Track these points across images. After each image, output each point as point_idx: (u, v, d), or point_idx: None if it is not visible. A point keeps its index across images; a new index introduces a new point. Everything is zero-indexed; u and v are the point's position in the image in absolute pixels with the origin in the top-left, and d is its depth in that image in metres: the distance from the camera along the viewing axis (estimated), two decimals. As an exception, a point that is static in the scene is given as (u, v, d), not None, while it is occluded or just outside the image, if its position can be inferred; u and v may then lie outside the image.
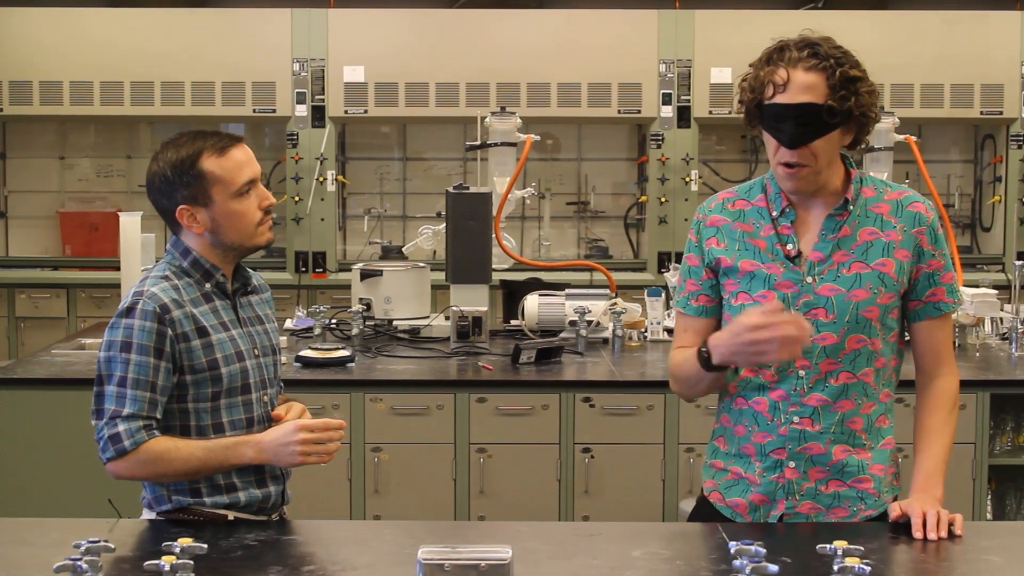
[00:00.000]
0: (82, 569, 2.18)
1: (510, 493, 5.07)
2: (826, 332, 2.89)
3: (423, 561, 2.12)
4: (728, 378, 3.02)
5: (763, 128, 2.89)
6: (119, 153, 9.15)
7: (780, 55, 2.84)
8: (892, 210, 2.93)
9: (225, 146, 3.04)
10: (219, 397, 3.03)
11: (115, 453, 2.92)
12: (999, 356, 5.50)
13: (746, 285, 2.95)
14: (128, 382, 2.93)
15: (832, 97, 2.79)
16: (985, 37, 8.47)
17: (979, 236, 9.04)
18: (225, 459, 2.97)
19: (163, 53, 8.30)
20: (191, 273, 3.07)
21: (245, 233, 3.07)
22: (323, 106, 8.34)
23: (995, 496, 5.35)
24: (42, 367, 5.20)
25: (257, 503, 3.07)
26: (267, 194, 3.11)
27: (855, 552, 2.24)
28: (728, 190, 3.11)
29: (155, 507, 3.05)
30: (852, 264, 2.90)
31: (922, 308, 2.97)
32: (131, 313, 2.96)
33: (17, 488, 4.95)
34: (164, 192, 3.05)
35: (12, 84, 8.34)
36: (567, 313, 5.73)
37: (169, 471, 2.95)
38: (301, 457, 2.96)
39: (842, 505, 2.95)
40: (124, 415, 2.92)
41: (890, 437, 3.01)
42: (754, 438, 2.97)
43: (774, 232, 2.95)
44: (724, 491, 3.04)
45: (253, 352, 3.12)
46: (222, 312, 3.08)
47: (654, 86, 8.39)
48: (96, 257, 8.65)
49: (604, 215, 9.18)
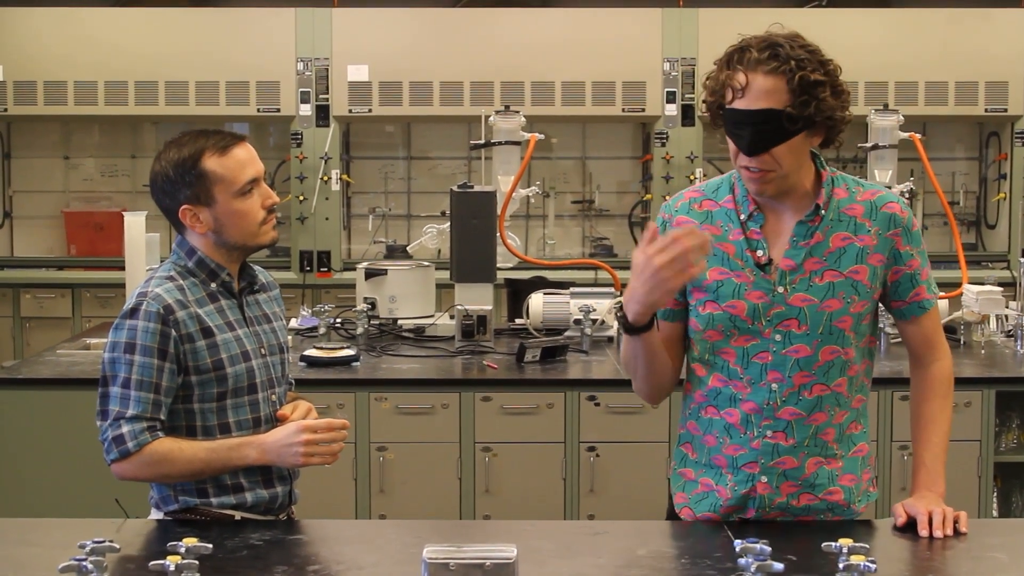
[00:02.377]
0: (87, 569, 2.19)
1: (515, 492, 5.07)
2: (799, 344, 2.83)
3: (428, 560, 2.12)
4: (694, 385, 2.96)
5: (726, 133, 2.80)
6: (123, 153, 9.16)
7: (740, 57, 2.74)
8: (866, 212, 2.85)
9: (227, 145, 3.03)
10: (225, 397, 3.02)
11: (119, 455, 2.92)
12: (1004, 353, 5.49)
13: (713, 295, 2.86)
14: (132, 383, 2.92)
15: (792, 103, 2.69)
16: (989, 34, 8.46)
17: (984, 233, 9.03)
18: (229, 460, 2.97)
19: (167, 53, 8.31)
20: (196, 273, 3.06)
21: (248, 232, 3.06)
22: (327, 105, 8.35)
23: (1000, 494, 5.35)
24: (47, 367, 5.21)
25: (264, 503, 3.07)
26: (270, 193, 3.10)
27: (860, 550, 2.24)
28: (694, 188, 3.00)
29: (162, 507, 3.05)
30: (824, 272, 2.83)
31: (907, 308, 2.92)
32: (135, 314, 2.96)
33: (22, 488, 4.96)
34: (167, 192, 3.05)
35: (16, 84, 8.35)
36: (572, 312, 5.73)
37: (173, 472, 2.95)
38: (304, 458, 2.95)
39: (811, 515, 2.91)
40: (128, 416, 2.92)
41: (863, 443, 2.96)
42: (725, 450, 2.91)
43: (743, 237, 2.86)
44: (694, 506, 2.97)
45: (260, 351, 3.11)
46: (228, 312, 3.08)
47: (658, 84, 8.38)
48: (101, 257, 8.66)
49: (608, 213, 9.17)
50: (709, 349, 2.90)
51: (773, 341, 2.83)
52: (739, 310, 2.84)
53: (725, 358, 2.88)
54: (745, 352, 2.85)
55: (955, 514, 2.79)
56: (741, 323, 2.84)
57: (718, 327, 2.87)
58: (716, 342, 2.88)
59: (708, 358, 2.91)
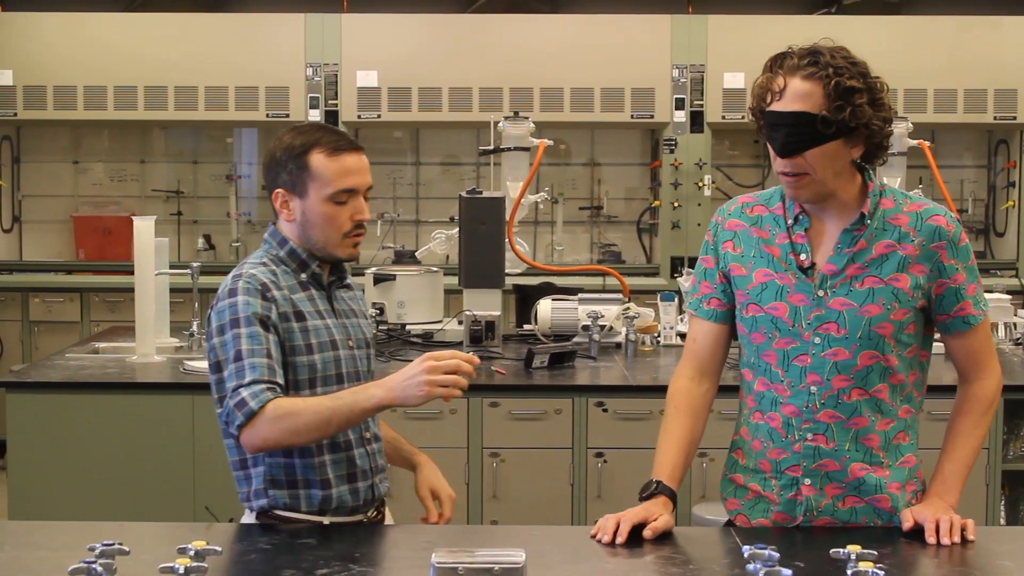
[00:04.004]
0: (96, 572, 2.19)
1: (523, 498, 5.08)
2: (838, 348, 2.85)
3: (437, 565, 2.12)
4: (745, 391, 3.01)
5: (764, 135, 2.85)
6: (133, 158, 9.19)
7: (781, 62, 2.80)
8: (911, 223, 2.86)
9: (340, 148, 3.06)
10: (315, 385, 3.01)
11: (244, 418, 2.86)
12: (1012, 361, 5.49)
13: (756, 296, 2.91)
14: (243, 354, 2.89)
15: (827, 107, 2.73)
16: (998, 42, 8.46)
17: (992, 241, 9.03)
18: (355, 403, 2.87)
19: (177, 58, 8.33)
20: (287, 262, 3.08)
21: (330, 239, 3.08)
22: (336, 111, 8.35)
23: (1008, 502, 5.34)
24: (56, 371, 5.21)
25: (349, 505, 3.07)
26: (363, 208, 3.10)
27: (868, 556, 2.24)
28: (749, 195, 3.06)
29: (253, 501, 3.04)
30: (865, 279, 2.85)
31: (951, 322, 2.91)
32: (234, 293, 2.96)
33: (30, 491, 4.96)
34: (270, 171, 3.09)
35: (26, 89, 8.37)
36: (580, 318, 5.73)
37: (300, 425, 2.87)
38: (428, 388, 2.80)
39: (859, 521, 2.92)
40: (246, 383, 2.88)
41: (910, 455, 2.95)
42: (769, 454, 2.94)
43: (788, 241, 2.90)
44: (748, 512, 3.00)
45: (347, 343, 3.11)
46: (318, 301, 3.09)
47: (667, 91, 8.39)
48: (110, 261, 8.68)
49: (617, 220, 9.18)
50: (754, 351, 2.95)
51: (812, 344, 2.86)
52: (780, 312, 2.88)
53: (767, 361, 2.92)
54: (785, 355, 2.89)
55: (962, 522, 2.79)
56: (782, 325, 2.88)
57: (761, 328, 2.91)
58: (760, 344, 2.93)
59: (754, 361, 2.96)
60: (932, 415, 3.36)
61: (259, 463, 3.04)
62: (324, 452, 3.05)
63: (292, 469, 3.03)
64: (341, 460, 3.07)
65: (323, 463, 3.04)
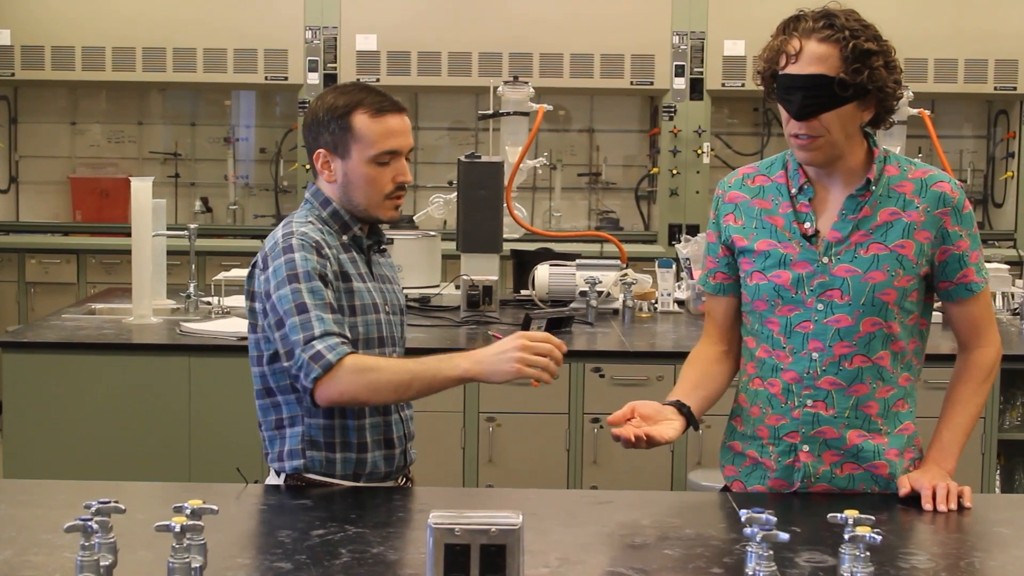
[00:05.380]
0: (92, 529, 2.18)
1: (519, 462, 5.08)
2: (840, 314, 2.84)
3: (434, 526, 2.11)
4: (746, 358, 3.01)
5: (777, 99, 2.83)
6: (130, 119, 9.16)
7: (795, 25, 2.78)
8: (916, 189, 2.86)
9: (383, 109, 3.03)
10: (356, 347, 2.93)
11: (321, 370, 2.80)
12: (1010, 331, 5.49)
13: (760, 264, 2.91)
14: (308, 307, 2.85)
15: (845, 70, 2.73)
16: (1000, 12, 8.43)
17: (991, 212, 9.02)
18: (439, 370, 2.85)
19: (175, 19, 8.30)
20: (330, 223, 3.05)
21: (372, 201, 3.04)
22: (335, 74, 8.33)
23: (1004, 471, 5.36)
24: (52, 331, 5.21)
25: (382, 471, 3.07)
26: (406, 170, 3.08)
27: (866, 521, 2.23)
28: (750, 165, 3.05)
29: (285, 461, 2.99)
30: (870, 245, 2.84)
31: (954, 289, 2.90)
32: (289, 249, 2.91)
33: (26, 451, 4.96)
34: (311, 131, 3.05)
35: (24, 49, 8.34)
36: (577, 283, 5.73)
37: (383, 382, 2.84)
38: (519, 365, 2.79)
39: (856, 488, 2.91)
40: (318, 335, 2.82)
41: (909, 422, 2.95)
42: (768, 420, 2.94)
43: (792, 210, 2.89)
44: (745, 479, 3.00)
45: (384, 308, 3.08)
46: (360, 264, 3.07)
47: (667, 58, 8.36)
48: (106, 223, 8.67)
49: (615, 187, 9.17)
50: (758, 319, 2.94)
51: (815, 311, 2.85)
52: (784, 280, 2.87)
53: (770, 328, 2.91)
54: (788, 322, 2.88)
55: (959, 489, 2.79)
56: (785, 292, 2.87)
57: (763, 296, 2.91)
58: (763, 312, 2.92)
59: (756, 328, 2.95)
60: (929, 384, 3.35)
61: (297, 423, 2.99)
62: (365, 415, 3.03)
63: (331, 431, 2.99)
64: (379, 425, 3.06)
65: (362, 427, 3.02)
